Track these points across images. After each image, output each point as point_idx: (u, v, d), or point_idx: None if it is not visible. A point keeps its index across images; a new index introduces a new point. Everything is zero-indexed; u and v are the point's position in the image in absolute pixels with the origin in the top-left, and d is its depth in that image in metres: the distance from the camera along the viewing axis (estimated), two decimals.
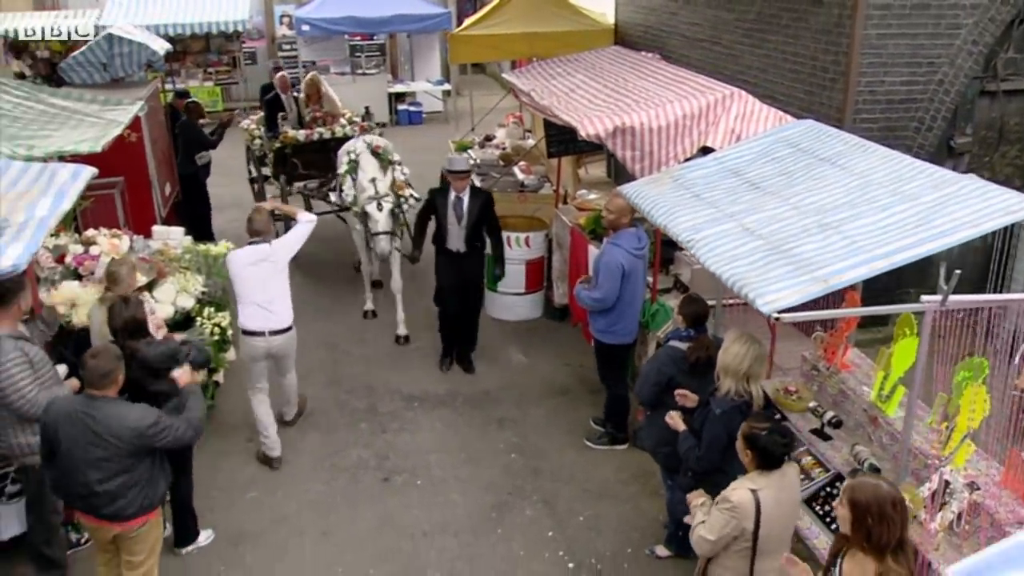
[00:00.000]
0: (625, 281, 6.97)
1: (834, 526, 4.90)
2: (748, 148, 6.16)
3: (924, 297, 4.21)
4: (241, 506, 7.03)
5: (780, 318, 4.09)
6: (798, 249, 4.52)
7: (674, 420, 5.44)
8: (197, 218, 11.92)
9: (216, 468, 7.43)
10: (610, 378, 7.61)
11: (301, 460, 7.60)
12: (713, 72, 9.64)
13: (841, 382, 6.14)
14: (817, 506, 5.52)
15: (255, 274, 7.13)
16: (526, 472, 7.46)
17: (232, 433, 7.94)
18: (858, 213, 4.72)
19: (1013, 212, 4.27)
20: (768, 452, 4.40)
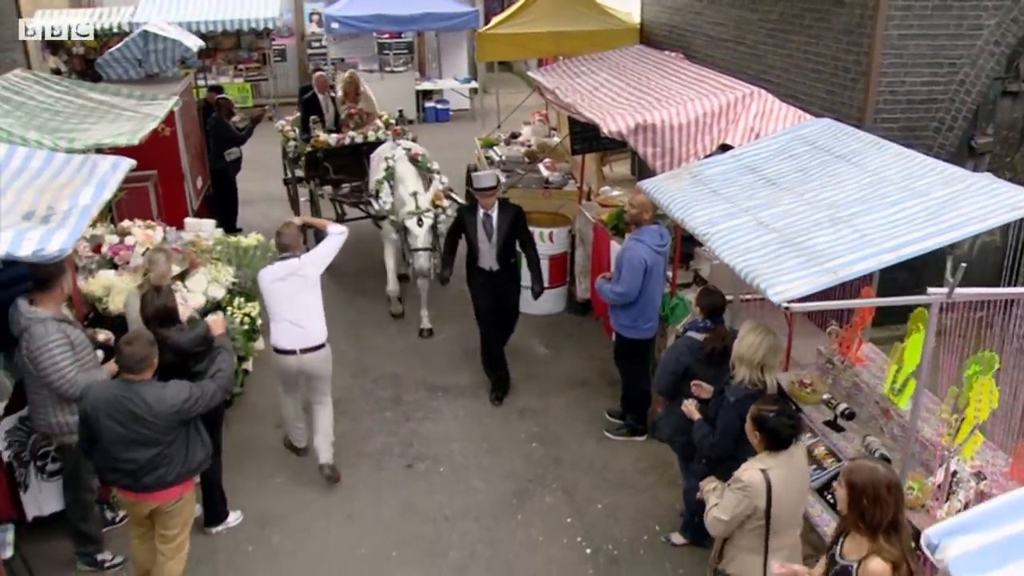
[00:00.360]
0: (647, 277, 7.13)
1: None
2: (766, 145, 6.30)
3: (931, 289, 4.34)
4: (269, 490, 7.25)
5: (790, 307, 4.24)
6: (810, 242, 4.67)
7: (689, 409, 5.60)
8: (224, 211, 12.20)
9: (245, 453, 7.64)
10: (631, 372, 7.76)
11: None
12: (737, 72, 9.77)
13: (855, 375, 6.26)
14: (829, 495, 5.65)
15: (284, 289, 6.92)
16: (546, 461, 7.64)
17: (260, 420, 8.16)
18: (869, 208, 4.86)
19: (1019, 208, 4.40)
20: (776, 433, 4.55)
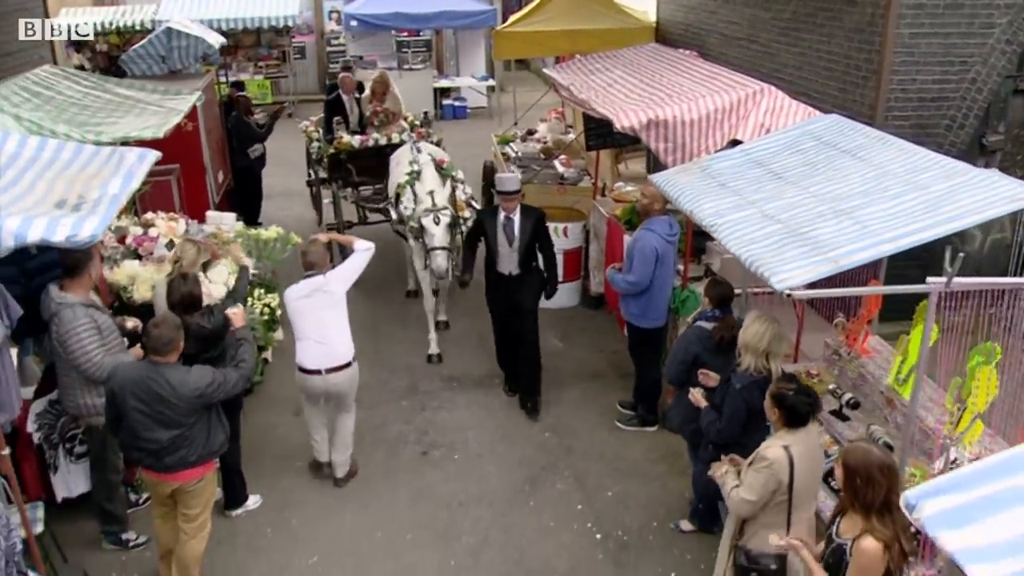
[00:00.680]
0: (658, 265, 7.30)
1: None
2: (774, 141, 6.45)
3: (929, 279, 4.47)
4: (287, 475, 7.44)
5: (792, 294, 4.39)
6: (813, 233, 4.81)
7: (696, 397, 5.76)
8: (248, 206, 12.42)
9: (264, 440, 7.85)
10: (643, 362, 7.92)
11: None
12: (750, 69, 9.89)
13: (861, 366, 6.39)
14: (832, 481, 5.78)
15: (309, 306, 6.79)
16: (559, 450, 7.80)
17: (280, 407, 8.35)
18: (871, 201, 5.00)
19: (1018, 200, 4.52)
20: (795, 410, 4.73)
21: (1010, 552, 2.30)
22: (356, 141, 11.42)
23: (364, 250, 7.10)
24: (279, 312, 8.51)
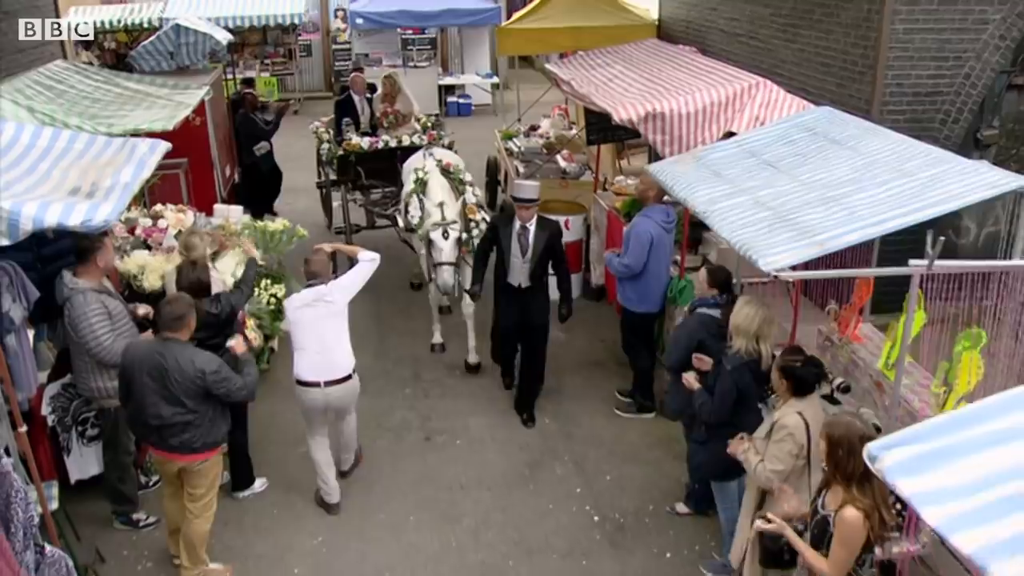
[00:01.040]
0: (653, 250, 7.48)
1: None
2: (767, 132, 6.62)
3: (912, 261, 4.64)
4: (293, 459, 7.61)
5: (779, 275, 4.56)
6: (802, 219, 4.98)
7: (688, 380, 5.93)
8: (254, 201, 12.58)
9: (270, 426, 8.03)
10: (635, 349, 8.08)
11: None
12: (750, 66, 10.02)
13: (852, 352, 6.53)
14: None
15: (310, 316, 6.59)
16: (558, 436, 7.97)
17: (285, 395, 8.46)
18: (860, 188, 5.17)
19: (998, 186, 4.69)
20: (803, 380, 5.00)
21: (960, 495, 2.47)
22: (365, 143, 11.23)
23: (369, 260, 6.94)
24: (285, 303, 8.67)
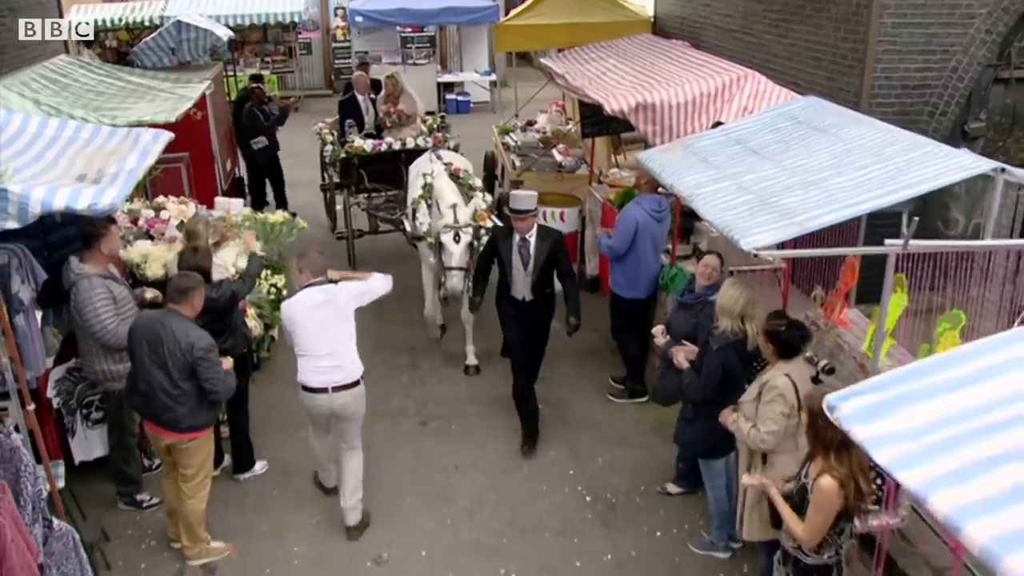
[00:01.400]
0: (638, 236, 7.66)
1: None
2: (753, 121, 6.80)
3: (888, 241, 4.81)
4: (292, 444, 7.78)
5: (759, 253, 4.73)
6: (783, 201, 5.16)
7: (678, 358, 6.11)
8: (254, 192, 12.80)
9: (271, 411, 8.21)
10: (624, 335, 8.28)
11: None
12: (743, 61, 10.20)
13: (838, 335, 6.71)
14: None
15: (318, 319, 6.29)
16: (552, 420, 8.14)
17: (286, 383, 8.63)
18: (839, 172, 5.35)
19: (970, 168, 4.87)
20: (788, 343, 5.16)
21: (910, 437, 2.64)
22: (368, 145, 10.99)
23: (383, 278, 6.78)
24: (285, 292, 8.84)
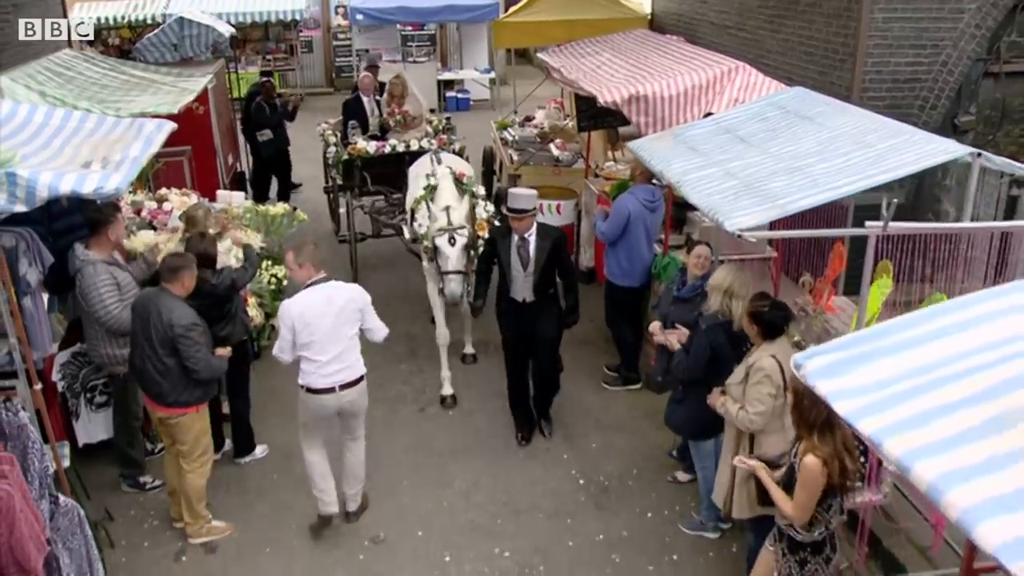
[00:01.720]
0: (630, 225, 7.82)
1: None
2: (743, 110, 6.97)
3: (868, 223, 4.96)
4: (291, 429, 7.82)
5: (743, 235, 4.89)
6: (767, 186, 5.32)
7: (670, 341, 6.28)
8: (257, 184, 12.97)
9: (271, 398, 8.37)
10: (617, 323, 8.44)
11: None
12: (737, 56, 10.32)
13: (825, 321, 6.86)
14: None
15: (327, 321, 6.15)
16: None
17: (284, 371, 8.74)
18: (823, 158, 5.51)
19: (948, 152, 5.03)
20: (772, 323, 5.28)
21: (871, 390, 2.79)
22: (371, 147, 10.69)
23: (382, 329, 6.72)
24: (285, 283, 9.00)
